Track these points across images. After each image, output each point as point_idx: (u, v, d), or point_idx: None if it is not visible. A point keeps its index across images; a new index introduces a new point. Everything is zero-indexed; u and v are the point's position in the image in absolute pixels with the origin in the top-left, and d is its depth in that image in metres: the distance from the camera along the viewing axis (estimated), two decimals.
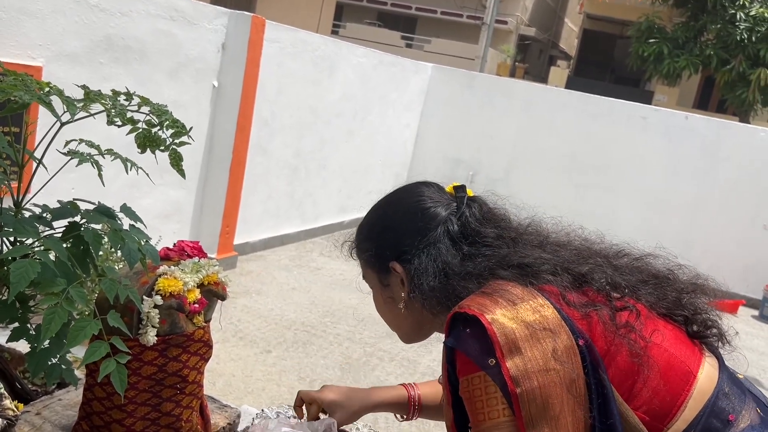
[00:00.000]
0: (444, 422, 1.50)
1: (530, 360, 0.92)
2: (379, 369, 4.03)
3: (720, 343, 1.09)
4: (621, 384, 0.96)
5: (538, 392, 0.91)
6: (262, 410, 1.50)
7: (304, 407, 1.49)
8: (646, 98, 16.64)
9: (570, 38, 28.78)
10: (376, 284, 1.21)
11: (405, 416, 1.47)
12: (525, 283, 1.02)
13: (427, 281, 1.09)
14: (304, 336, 4.31)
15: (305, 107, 6.18)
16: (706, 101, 19.37)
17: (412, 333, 1.23)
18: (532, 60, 26.16)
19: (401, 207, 1.19)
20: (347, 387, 1.46)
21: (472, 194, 1.18)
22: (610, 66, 24.38)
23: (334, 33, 18.33)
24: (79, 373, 1.66)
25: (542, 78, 23.01)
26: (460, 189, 1.18)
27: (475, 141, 8.39)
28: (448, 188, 1.21)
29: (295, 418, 1.50)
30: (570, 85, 18.31)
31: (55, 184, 1.22)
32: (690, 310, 1.09)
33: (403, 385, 1.47)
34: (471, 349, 0.96)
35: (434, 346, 4.54)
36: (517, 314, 0.96)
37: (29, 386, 1.60)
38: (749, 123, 12.58)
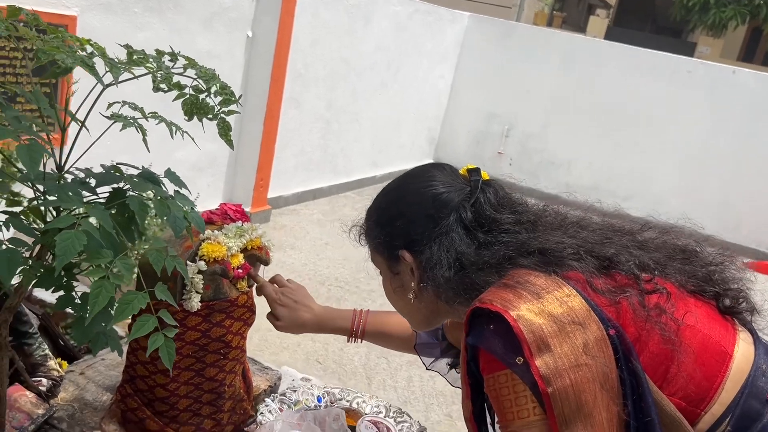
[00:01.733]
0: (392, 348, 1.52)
1: (560, 357, 0.88)
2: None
3: (752, 316, 1.04)
4: (655, 371, 0.92)
5: (570, 390, 0.87)
6: (264, 401, 1.50)
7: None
8: (688, 50, 16.06)
9: None
10: (385, 271, 1.17)
11: (348, 339, 1.49)
12: (548, 272, 0.97)
13: (441, 272, 1.04)
14: (337, 292, 4.32)
15: (338, 58, 6.07)
16: (752, 53, 18.64)
17: (423, 322, 1.19)
18: (570, 9, 25.36)
19: (411, 193, 1.13)
20: (308, 303, 1.46)
21: (487, 177, 1.12)
22: (651, 15, 23.53)
23: None
24: (120, 330, 1.66)
25: (581, 28, 22.33)
26: (474, 172, 1.12)
27: (511, 94, 8.19)
28: (462, 171, 1.14)
29: (300, 410, 1.49)
30: (609, 35, 17.74)
31: (90, 137, 1.18)
32: (721, 285, 1.04)
33: (353, 310, 1.49)
34: (496, 348, 0.92)
35: None
36: (543, 308, 0.91)
37: (72, 343, 1.62)
38: None
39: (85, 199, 0.99)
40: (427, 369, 1.45)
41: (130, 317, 0.99)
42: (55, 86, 3.52)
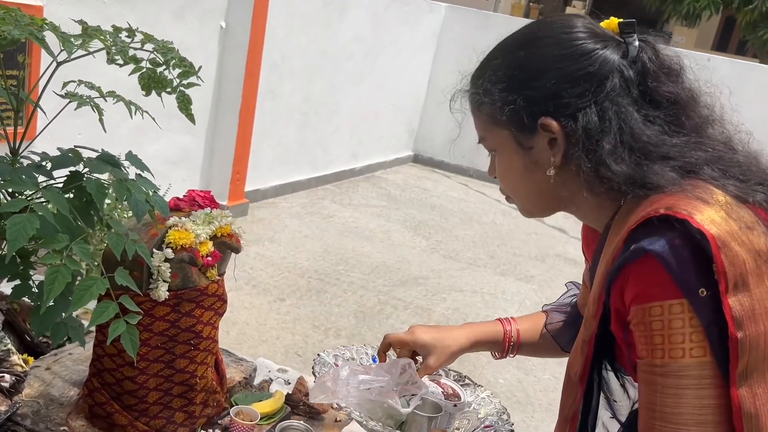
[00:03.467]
0: (539, 357, 1.35)
1: (757, 299, 0.75)
2: (393, 317, 4.00)
3: None
4: None
5: (762, 339, 0.74)
6: (319, 355, 1.37)
7: (390, 352, 1.33)
8: (663, 40, 16.13)
9: None
10: (509, 146, 0.95)
11: (500, 354, 1.31)
12: (744, 197, 0.81)
13: (608, 149, 0.84)
14: (317, 284, 4.28)
15: (315, 50, 6.00)
16: (726, 43, 18.85)
17: (542, 206, 1.00)
18: (547, 0, 25.42)
19: (554, 45, 0.91)
20: (437, 326, 1.30)
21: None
22: (626, 6, 23.65)
23: None
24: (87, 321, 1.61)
25: None
26: (629, 26, 0.91)
27: None
28: (607, 23, 0.94)
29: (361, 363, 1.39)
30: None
31: (59, 130, 1.14)
32: None
33: (499, 319, 1.31)
34: (682, 269, 0.75)
35: (448, 295, 4.51)
36: (747, 238, 0.76)
37: (39, 338, 1.56)
38: None
39: (41, 184, 0.94)
40: (564, 350, 1.27)
41: (93, 305, 0.95)
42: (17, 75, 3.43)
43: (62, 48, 0.91)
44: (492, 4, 15.77)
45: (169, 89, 0.89)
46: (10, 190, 0.92)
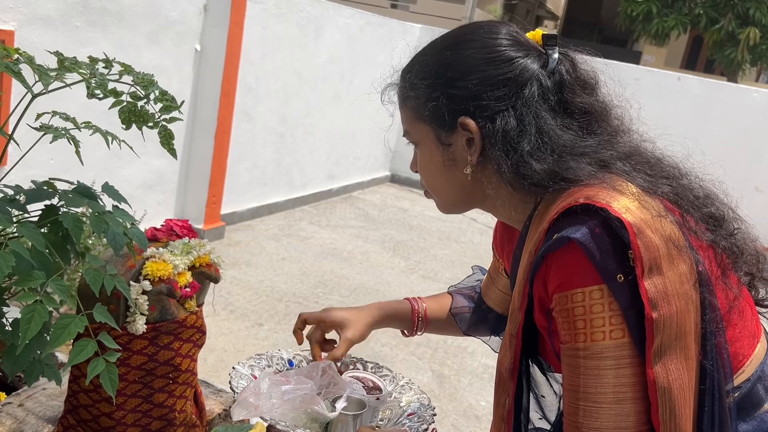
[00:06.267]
0: (444, 335, 1.42)
1: (670, 282, 0.79)
2: (374, 340, 3.97)
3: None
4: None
5: (675, 318, 0.79)
6: (234, 368, 1.35)
7: (306, 331, 1.36)
8: (634, 58, 16.49)
9: None
10: (430, 142, 0.99)
11: (409, 331, 1.37)
12: (653, 189, 0.87)
13: (525, 148, 0.89)
14: (296, 307, 4.23)
15: (291, 71, 6.01)
16: (694, 61, 19.28)
17: (459, 202, 1.04)
18: (518, 21, 25.82)
19: (479, 48, 0.94)
20: (349, 307, 1.35)
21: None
22: (597, 26, 24.12)
23: None
24: (62, 355, 1.57)
25: None
26: (551, 39, 0.96)
27: None
28: (531, 34, 0.99)
29: (278, 369, 1.39)
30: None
31: (32, 156, 1.11)
32: (758, 272, 0.96)
33: (407, 299, 1.37)
34: (602, 256, 0.79)
35: None
36: (659, 225, 0.81)
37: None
38: (737, 83, 12.52)
39: (15, 218, 0.92)
40: (464, 334, 1.36)
41: (70, 342, 0.92)
42: None
43: (37, 80, 0.89)
44: None
45: (150, 123, 0.88)
46: None
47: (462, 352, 4.03)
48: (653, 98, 7.43)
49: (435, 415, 1.32)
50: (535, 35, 0.98)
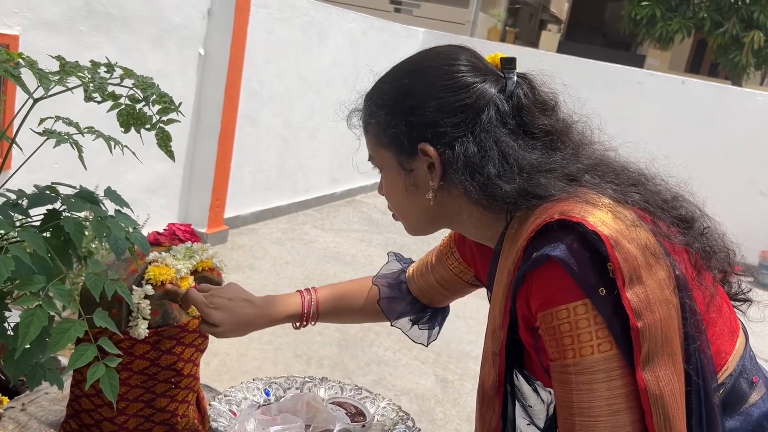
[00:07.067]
0: (355, 323, 1.41)
1: (650, 290, 0.80)
2: (377, 345, 3.97)
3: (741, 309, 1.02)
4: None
5: (659, 325, 0.79)
6: (210, 404, 1.35)
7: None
8: (638, 62, 16.48)
9: (560, 2, 28.42)
10: (392, 167, 1.00)
11: (299, 324, 1.32)
12: (624, 201, 0.87)
13: (494, 173, 0.89)
14: None
15: (294, 76, 6.02)
16: (698, 65, 19.26)
17: (424, 225, 1.05)
18: (522, 24, 25.84)
19: (437, 76, 0.95)
20: (245, 297, 1.25)
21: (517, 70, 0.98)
22: (601, 30, 24.13)
23: None
24: (65, 360, 1.57)
25: (533, 43, 22.76)
26: (509, 62, 0.97)
27: None
28: (490, 57, 0.99)
29: (254, 402, 1.38)
30: (561, 49, 18.11)
31: (35, 159, 1.11)
32: (731, 268, 0.98)
33: (299, 291, 1.33)
34: (582, 271, 0.80)
35: None
36: (634, 235, 0.81)
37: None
38: (741, 86, 12.50)
39: (17, 222, 0.92)
40: (391, 325, 1.36)
41: (72, 347, 0.92)
42: None
43: (39, 84, 0.89)
44: (469, 29, 15.98)
45: (148, 126, 0.87)
46: None
47: (465, 356, 4.02)
48: (657, 102, 7.43)
49: None
50: (494, 59, 0.99)
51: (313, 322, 1.34)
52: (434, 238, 1.13)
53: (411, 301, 1.35)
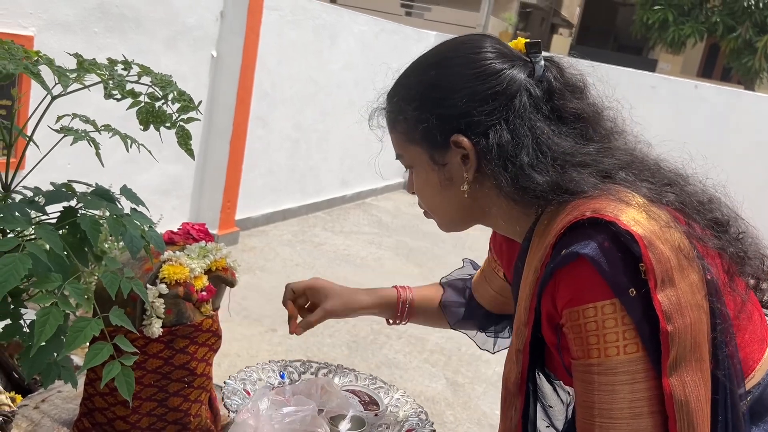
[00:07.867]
0: (431, 327, 1.41)
1: (682, 293, 0.78)
2: (387, 347, 3.96)
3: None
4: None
5: (689, 330, 0.77)
6: (225, 383, 1.35)
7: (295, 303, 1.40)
8: (650, 66, 16.41)
9: (572, 6, 28.36)
10: (424, 163, 0.97)
11: (393, 320, 1.36)
12: (657, 198, 0.85)
13: (527, 162, 0.86)
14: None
15: (306, 78, 6.03)
16: (711, 69, 19.16)
17: (459, 220, 1.03)
18: (533, 28, 25.79)
19: (464, 65, 0.93)
20: (342, 285, 1.34)
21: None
22: (612, 34, 24.05)
23: (333, 0, 18.01)
24: (79, 358, 1.57)
25: (544, 46, 22.67)
26: (534, 46, 0.94)
27: None
28: (514, 43, 0.97)
29: (269, 383, 1.38)
30: (572, 53, 18.07)
31: (49, 159, 1.12)
32: (764, 275, 0.95)
33: (395, 287, 1.35)
34: (613, 270, 0.78)
35: None
36: (668, 236, 0.80)
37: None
38: (754, 91, 12.42)
39: (33, 220, 0.92)
40: (452, 327, 1.36)
41: (87, 344, 0.92)
42: (10, 106, 3.41)
43: (57, 82, 0.89)
44: (480, 32, 15.92)
45: (168, 124, 0.87)
46: (1, 227, 0.89)
47: (476, 360, 4.00)
48: (669, 106, 7.39)
49: (434, 430, 1.31)
50: (517, 44, 0.98)
51: (404, 321, 1.36)
52: (448, 242, 1.12)
53: (474, 307, 1.34)
